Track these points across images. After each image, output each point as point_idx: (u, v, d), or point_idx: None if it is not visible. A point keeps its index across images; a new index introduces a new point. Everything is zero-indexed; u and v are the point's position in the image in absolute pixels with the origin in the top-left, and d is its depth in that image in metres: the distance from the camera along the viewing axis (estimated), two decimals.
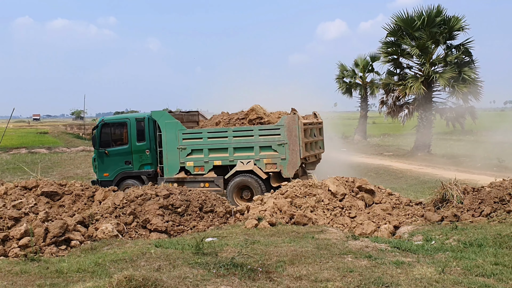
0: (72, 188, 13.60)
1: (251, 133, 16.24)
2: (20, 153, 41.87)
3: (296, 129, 15.65)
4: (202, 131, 16.96)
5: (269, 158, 15.98)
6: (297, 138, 15.66)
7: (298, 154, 15.69)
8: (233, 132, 16.43)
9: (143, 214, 11.76)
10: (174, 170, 17.18)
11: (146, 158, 17.75)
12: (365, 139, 39.93)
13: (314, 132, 17.39)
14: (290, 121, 15.73)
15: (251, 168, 16.06)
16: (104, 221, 11.55)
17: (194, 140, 16.90)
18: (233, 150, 16.40)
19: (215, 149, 16.64)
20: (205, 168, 16.78)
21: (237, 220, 12.25)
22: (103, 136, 18.35)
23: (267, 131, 16.05)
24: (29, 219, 10.70)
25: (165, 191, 12.39)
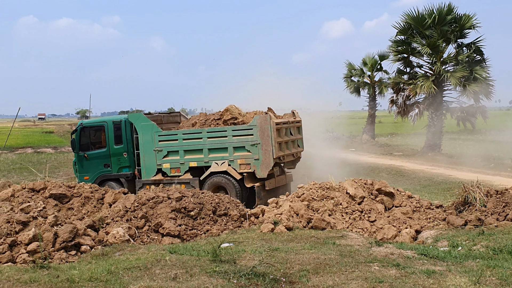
0: (81, 190, 13.18)
1: (225, 134, 16.12)
2: (26, 153, 41.45)
3: (269, 129, 15.46)
4: (178, 132, 16.86)
5: (243, 158, 15.83)
6: (270, 138, 15.46)
7: (271, 154, 15.50)
8: (207, 133, 16.31)
9: (155, 218, 11.34)
10: (151, 172, 17.08)
11: (124, 161, 17.68)
12: (373, 138, 39.38)
13: (290, 131, 17.10)
14: (262, 121, 15.53)
15: (225, 169, 15.91)
16: (115, 225, 11.13)
17: (169, 142, 16.80)
18: (208, 151, 16.29)
19: (190, 151, 16.52)
20: (181, 170, 16.67)
21: (252, 224, 11.81)
22: (82, 139, 18.28)
23: (240, 131, 15.93)
24: (38, 223, 10.27)
25: (178, 193, 11.95)
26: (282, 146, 16.12)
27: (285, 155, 16.31)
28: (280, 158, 15.98)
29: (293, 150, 17.11)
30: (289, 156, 16.82)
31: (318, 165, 27.22)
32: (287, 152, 16.53)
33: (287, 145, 16.64)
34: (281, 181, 17.09)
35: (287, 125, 16.70)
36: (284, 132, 16.44)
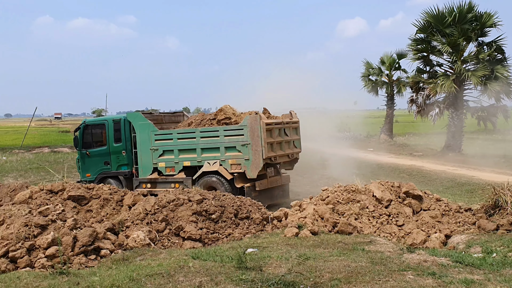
0: (100, 191, 12.89)
1: (217, 134, 16.14)
2: (43, 152, 41.39)
3: (258, 129, 15.33)
4: (172, 132, 17.06)
5: (234, 158, 15.80)
6: (259, 139, 15.33)
7: (261, 155, 15.37)
8: (200, 133, 16.40)
9: (176, 221, 11.00)
10: (147, 170, 17.37)
11: (123, 159, 18.11)
12: (391, 138, 38.82)
13: (285, 131, 16.82)
14: (252, 122, 15.43)
15: (216, 169, 15.94)
16: (135, 228, 10.81)
17: (165, 141, 17.01)
18: (201, 151, 16.40)
19: (184, 150, 16.68)
20: (175, 169, 16.86)
21: (275, 228, 11.44)
22: (85, 137, 18.90)
23: (231, 131, 15.91)
24: (57, 227, 9.97)
25: (198, 196, 11.61)
26: (274, 146, 15.94)
27: (277, 156, 16.07)
28: (272, 158, 15.78)
29: (288, 150, 16.86)
30: (283, 157, 16.62)
31: (337, 165, 26.81)
32: (280, 152, 16.28)
33: (281, 145, 16.43)
34: (275, 182, 16.88)
35: (280, 125, 16.43)
36: (276, 132, 16.24)
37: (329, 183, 21.72)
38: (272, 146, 15.85)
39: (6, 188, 14.24)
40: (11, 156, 38.88)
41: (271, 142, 15.71)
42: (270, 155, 15.62)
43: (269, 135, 15.66)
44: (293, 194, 19.20)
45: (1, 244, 9.46)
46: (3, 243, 9.48)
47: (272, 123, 15.89)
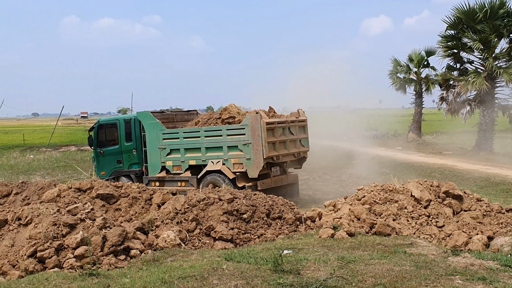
0: (129, 190, 12.58)
1: (220, 133, 16.12)
2: (70, 151, 41.53)
3: (259, 128, 15.20)
4: (179, 131, 17.14)
5: (236, 158, 15.74)
6: (260, 138, 15.19)
7: (261, 154, 15.23)
8: (204, 132, 16.41)
9: (206, 221, 10.64)
10: (156, 169, 17.48)
11: (134, 157, 18.31)
12: (419, 137, 38.00)
13: (290, 130, 16.51)
14: (253, 121, 15.30)
15: (219, 168, 15.91)
16: (164, 227, 10.48)
17: (172, 140, 17.10)
18: (205, 150, 16.39)
19: (190, 149, 16.73)
20: (182, 168, 16.92)
21: (308, 228, 11.01)
22: (99, 136, 19.19)
23: (233, 131, 15.84)
24: (86, 226, 9.68)
25: (229, 195, 11.23)
26: (276, 146, 15.73)
27: (280, 155, 15.85)
28: (274, 158, 15.62)
29: (293, 149, 16.54)
30: (287, 156, 16.37)
31: (366, 164, 26.28)
32: (283, 152, 16.05)
33: (285, 144, 16.18)
34: (280, 181, 16.65)
35: (284, 124, 16.17)
36: (280, 131, 16.00)
37: (358, 182, 21.23)
38: (275, 145, 15.68)
39: (34, 186, 14.02)
40: (38, 154, 39.03)
41: (273, 141, 15.54)
42: (272, 154, 15.46)
43: (270, 134, 15.50)
44: (322, 194, 18.78)
45: (29, 243, 9.21)
46: (31, 242, 9.23)
47: (274, 122, 15.68)
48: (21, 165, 31.99)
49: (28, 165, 32.16)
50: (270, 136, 15.43)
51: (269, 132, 15.42)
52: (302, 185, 21.00)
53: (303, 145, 17.05)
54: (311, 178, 22.80)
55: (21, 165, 32.28)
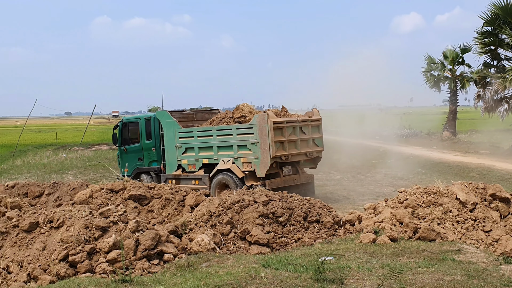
0: (161, 191, 12.26)
1: (230, 132, 16.14)
2: (102, 149, 41.64)
3: (266, 128, 15.09)
4: (193, 130, 17.27)
5: (245, 157, 15.67)
6: (267, 137, 15.08)
7: (268, 153, 15.11)
8: (216, 131, 16.50)
9: (241, 224, 10.24)
10: (173, 167, 17.66)
11: (153, 155, 18.63)
12: (454, 135, 37.04)
13: (302, 129, 16.25)
14: (261, 120, 15.22)
15: (229, 167, 15.91)
16: (198, 230, 10.11)
17: (187, 139, 17.24)
18: (217, 149, 16.45)
19: (203, 148, 16.85)
20: (196, 166, 17.07)
21: (348, 232, 10.52)
22: (123, 134, 19.70)
23: (242, 130, 15.83)
24: (118, 229, 9.36)
25: (264, 197, 10.81)
26: (285, 145, 15.53)
27: (289, 155, 15.66)
28: (282, 157, 15.45)
29: (305, 149, 16.28)
30: (299, 156, 16.15)
31: (401, 163, 25.61)
32: (293, 151, 15.84)
33: (295, 144, 15.96)
34: (291, 181, 16.38)
35: (294, 123, 15.95)
36: (290, 131, 15.79)
37: (394, 182, 20.67)
38: (283, 145, 15.51)
39: (66, 187, 13.82)
40: (71, 153, 39.20)
41: (281, 141, 15.39)
42: (280, 153, 15.33)
43: (279, 133, 15.37)
44: (357, 194, 18.28)
45: (61, 247, 8.93)
46: (62, 246, 8.95)
47: (283, 121, 15.53)
48: (53, 164, 32.11)
49: (61, 164, 32.26)
50: (278, 135, 15.31)
51: (277, 131, 15.30)
52: (336, 185, 20.53)
53: (316, 144, 16.79)
54: (344, 178, 22.28)
55: (53, 164, 32.40)
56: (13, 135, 59.04)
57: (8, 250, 9.21)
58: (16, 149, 40.49)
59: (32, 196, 13.79)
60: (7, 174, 27.65)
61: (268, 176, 15.52)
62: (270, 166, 15.25)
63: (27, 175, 27.26)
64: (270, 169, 15.32)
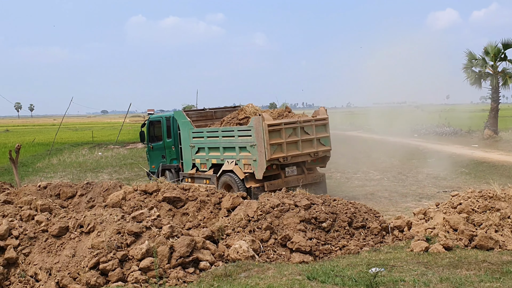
0: (197, 193, 11.65)
1: (233, 134, 16.18)
2: (137, 148, 41.40)
3: (261, 130, 14.97)
4: (203, 130, 17.39)
5: (246, 158, 15.68)
6: (262, 140, 14.97)
7: (264, 156, 15.02)
8: (222, 132, 16.61)
9: (281, 229, 9.55)
10: (189, 166, 17.91)
11: (173, 153, 19.14)
12: (496, 133, 35.59)
13: (305, 130, 15.96)
14: (257, 123, 15.12)
15: (231, 168, 15.96)
16: (236, 236, 9.46)
17: (199, 139, 17.43)
18: (223, 150, 16.56)
19: (212, 148, 16.99)
20: (207, 166, 17.28)
21: (396, 240, 9.73)
22: (150, 132, 20.40)
23: (242, 132, 15.82)
24: (152, 235, 8.77)
25: (306, 200, 10.11)
26: (283, 147, 15.33)
27: (288, 156, 15.45)
28: (280, 159, 15.30)
29: (309, 149, 16.01)
30: (301, 156, 15.91)
31: (442, 163, 24.57)
32: (294, 152, 15.61)
33: (297, 145, 15.72)
34: (296, 181, 15.96)
35: (294, 125, 15.66)
36: (289, 132, 15.54)
37: (437, 183, 19.73)
38: (282, 147, 15.32)
39: (99, 188, 13.30)
40: (106, 151, 39.09)
41: (278, 143, 15.23)
42: (277, 156, 15.18)
43: (276, 135, 15.21)
44: (399, 196, 17.41)
45: (92, 254, 8.39)
46: (93, 252, 8.41)
47: (280, 123, 15.26)
48: (89, 162, 31.94)
49: (96, 162, 32.07)
50: (275, 137, 15.16)
51: (273, 133, 15.14)
52: (376, 185, 19.70)
53: (323, 144, 16.47)
54: (385, 178, 21.39)
55: (89, 162, 32.23)
56: (51, 134, 59.43)
57: (37, 257, 8.71)
58: (52, 147, 40.56)
59: (64, 197, 13.31)
60: (42, 172, 27.52)
61: (268, 177, 15.51)
62: (269, 168, 15.24)
63: (62, 173, 27.08)
64: (269, 171, 15.32)
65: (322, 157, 16.57)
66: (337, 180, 21.43)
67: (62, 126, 55.91)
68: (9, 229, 9.02)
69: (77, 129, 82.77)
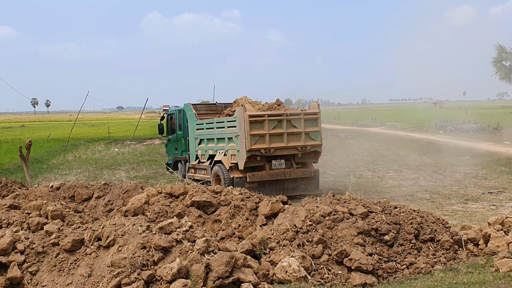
0: (229, 197, 10.02)
1: (223, 125, 16.37)
2: (154, 144, 39.95)
3: (243, 121, 15.06)
4: (203, 122, 17.61)
5: (232, 149, 15.84)
6: (244, 131, 15.07)
7: (245, 146, 15.09)
8: (216, 124, 16.83)
9: (336, 243, 7.89)
10: (193, 157, 18.33)
11: (183, 145, 19.47)
12: None
13: (292, 123, 15.65)
14: (239, 113, 15.26)
15: (220, 159, 16.19)
16: (282, 251, 7.82)
17: (200, 131, 17.76)
18: (216, 141, 16.78)
19: (210, 139, 17.23)
20: (205, 157, 17.50)
21: (471, 255, 8.03)
22: (167, 125, 21.02)
23: (230, 123, 15.95)
24: (183, 250, 7.16)
25: (362, 208, 8.45)
26: (266, 138, 15.24)
27: (271, 148, 15.31)
28: (261, 151, 15.21)
29: (295, 143, 15.70)
30: (287, 149, 15.65)
31: (479, 161, 22.86)
32: (278, 145, 15.43)
33: (282, 138, 15.50)
34: (282, 175, 15.85)
35: (280, 117, 15.44)
36: (274, 124, 15.37)
37: (478, 183, 18.00)
38: (264, 138, 15.27)
39: (118, 189, 11.72)
40: (123, 147, 37.69)
41: (261, 134, 15.21)
42: (258, 147, 15.16)
43: (259, 127, 15.20)
44: (442, 197, 15.73)
45: (112, 273, 6.79)
46: (113, 272, 6.81)
47: (263, 115, 15.24)
48: (105, 159, 30.48)
49: (113, 159, 30.60)
50: (256, 128, 15.17)
51: (255, 124, 15.15)
52: (413, 185, 18.01)
53: (312, 138, 16.02)
54: (421, 178, 19.70)
55: (105, 158, 30.79)
56: (66, 129, 58.12)
57: (46, 276, 7.12)
58: (68, 143, 39.14)
59: (79, 200, 11.76)
60: (57, 169, 26.07)
61: (252, 169, 15.57)
62: (253, 159, 15.27)
63: (78, 170, 25.62)
64: (252, 162, 15.34)
65: (314, 152, 16.27)
66: (369, 180, 19.78)
67: (78, 121, 54.60)
68: (13, 241, 7.43)
69: (93, 124, 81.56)
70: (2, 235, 7.59)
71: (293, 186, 16.15)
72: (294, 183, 16.20)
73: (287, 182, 16.09)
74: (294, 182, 16.20)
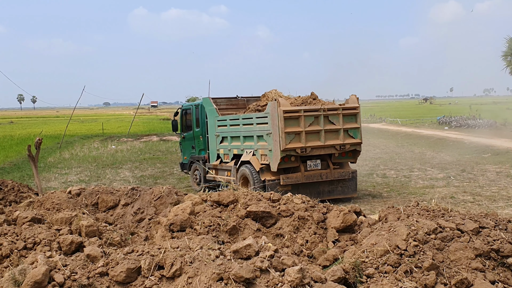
0: (291, 206, 8.29)
1: (251, 121, 14.57)
2: (152, 141, 38.07)
3: (276, 117, 13.32)
4: (227, 118, 15.72)
5: (262, 148, 14.04)
6: (277, 128, 13.35)
7: (279, 145, 13.37)
8: (242, 120, 15.00)
9: (448, 268, 6.22)
10: (214, 157, 16.49)
11: (201, 143, 17.49)
12: None
13: (330, 119, 13.97)
14: (272, 109, 13.50)
15: (249, 159, 14.39)
16: (384, 280, 6.11)
17: (223, 128, 15.86)
18: (243, 139, 14.93)
19: (234, 137, 15.36)
20: (229, 156, 15.70)
21: None
22: (182, 121, 18.64)
23: (260, 119, 14.18)
24: (270, 283, 5.46)
25: (471, 222, 6.77)
26: (302, 136, 13.56)
27: (307, 147, 13.64)
28: (297, 150, 13.52)
29: (333, 141, 14.02)
30: (325, 149, 13.99)
31: (506, 159, 21.43)
32: (315, 143, 13.74)
33: (319, 135, 13.83)
34: (318, 176, 14.25)
35: (317, 113, 13.73)
36: (310, 120, 13.69)
37: None
38: (300, 136, 13.57)
39: (148, 195, 9.95)
40: (120, 145, 35.80)
41: (296, 132, 13.51)
42: (293, 146, 13.45)
43: (294, 124, 13.48)
44: (486, 200, 14.30)
45: None
46: None
47: (299, 110, 13.52)
48: (104, 157, 28.57)
49: (112, 156, 28.70)
50: (292, 125, 13.45)
51: (290, 121, 13.42)
52: (448, 186, 16.46)
53: (351, 136, 14.35)
54: (451, 177, 18.15)
55: (104, 156, 28.88)
56: (56, 125, 55.98)
57: None
58: (63, 140, 37.09)
59: (104, 208, 9.98)
60: (56, 168, 24.12)
61: (285, 170, 13.92)
62: (286, 159, 13.57)
63: (78, 169, 23.72)
64: (286, 162, 13.65)
65: (352, 151, 14.56)
66: (397, 179, 18.21)
67: (67, 117, 52.39)
68: (49, 271, 5.65)
69: (83, 121, 79.20)
70: (33, 261, 5.81)
71: (329, 189, 14.58)
72: (331, 186, 14.62)
73: (322, 184, 14.54)
74: (331, 184, 14.61)
